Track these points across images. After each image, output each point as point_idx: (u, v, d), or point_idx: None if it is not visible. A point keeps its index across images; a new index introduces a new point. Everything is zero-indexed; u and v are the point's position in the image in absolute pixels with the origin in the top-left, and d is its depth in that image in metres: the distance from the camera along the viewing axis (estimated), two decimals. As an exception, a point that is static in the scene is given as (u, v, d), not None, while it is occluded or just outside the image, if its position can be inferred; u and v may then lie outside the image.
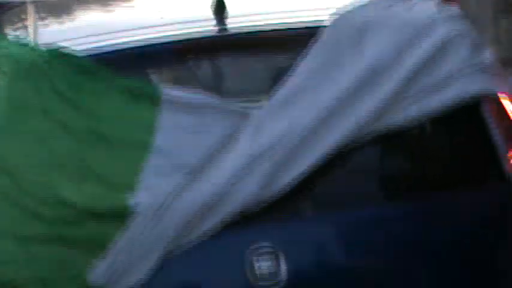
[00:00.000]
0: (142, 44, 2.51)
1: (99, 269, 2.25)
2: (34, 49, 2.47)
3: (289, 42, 2.50)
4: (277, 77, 2.42)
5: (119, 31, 2.65)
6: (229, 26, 2.61)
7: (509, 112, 2.53)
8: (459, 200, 2.48)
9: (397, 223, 2.45)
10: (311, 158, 2.29)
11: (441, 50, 2.43)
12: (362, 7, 2.53)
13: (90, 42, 2.56)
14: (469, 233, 2.45)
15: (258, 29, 2.62)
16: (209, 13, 2.57)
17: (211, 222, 2.27)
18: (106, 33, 2.63)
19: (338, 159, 2.29)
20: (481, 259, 2.47)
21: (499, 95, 2.54)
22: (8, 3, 3.57)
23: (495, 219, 2.51)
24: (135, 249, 2.27)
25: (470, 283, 2.44)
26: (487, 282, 2.45)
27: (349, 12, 2.51)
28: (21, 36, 2.80)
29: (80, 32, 2.82)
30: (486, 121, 2.51)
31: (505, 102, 2.54)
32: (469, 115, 2.51)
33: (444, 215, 2.45)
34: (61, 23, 3.11)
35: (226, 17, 2.59)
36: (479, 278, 2.44)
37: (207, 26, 2.56)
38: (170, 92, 2.35)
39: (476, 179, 2.53)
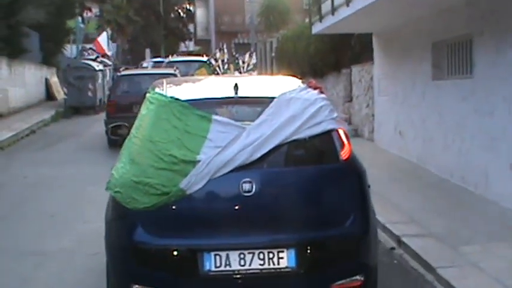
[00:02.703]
0: (206, 97, 5.18)
1: (183, 182, 4.59)
2: (164, 95, 4.95)
3: (262, 102, 5.01)
4: (258, 114, 4.90)
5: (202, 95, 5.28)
6: (239, 94, 5.09)
7: (342, 136, 4.95)
8: (320, 168, 4.94)
9: (291, 175, 4.85)
10: (268, 147, 4.70)
11: (319, 110, 4.87)
12: (289, 91, 5.02)
13: (187, 95, 5.12)
14: (323, 181, 4.86)
15: (252, 96, 5.20)
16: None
17: (228, 169, 4.66)
18: (194, 94, 5.31)
19: (278, 148, 4.75)
20: (325, 192, 4.79)
21: (340, 129, 5.02)
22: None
23: (334, 176, 4.92)
24: (197, 176, 4.60)
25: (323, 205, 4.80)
26: (326, 206, 4.82)
27: (283, 93, 4.98)
28: (161, 91, 5.21)
29: (183, 91, 5.50)
30: (334, 138, 4.90)
31: (341, 132, 4.98)
32: (328, 135, 4.87)
33: (313, 174, 4.89)
34: (177, 86, 5.67)
35: (238, 90, 5.08)
36: (323, 202, 4.83)
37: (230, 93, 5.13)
38: (216, 116, 4.82)
39: (328, 160, 4.96)
